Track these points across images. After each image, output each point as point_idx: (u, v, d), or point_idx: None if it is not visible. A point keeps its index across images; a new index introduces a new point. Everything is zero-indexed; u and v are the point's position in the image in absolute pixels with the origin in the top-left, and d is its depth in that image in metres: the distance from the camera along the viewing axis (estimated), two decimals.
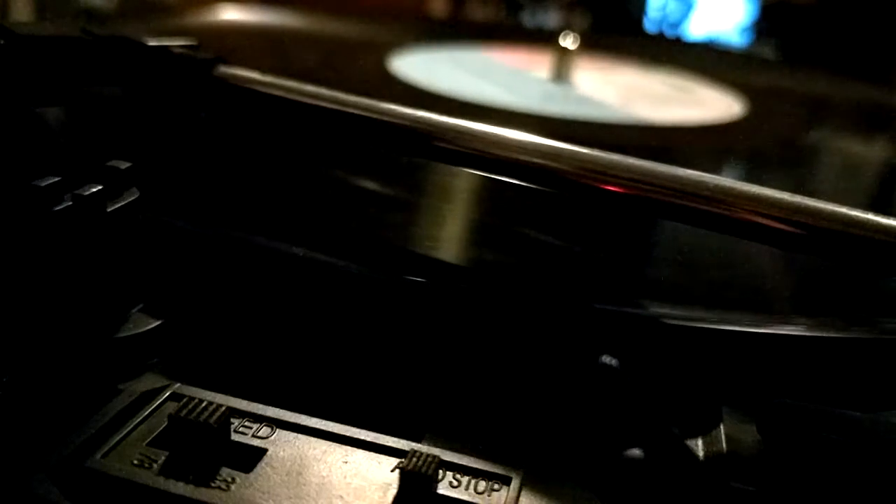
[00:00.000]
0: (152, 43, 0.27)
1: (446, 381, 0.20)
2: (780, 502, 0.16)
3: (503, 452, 0.16)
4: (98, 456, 0.15)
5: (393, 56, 0.51)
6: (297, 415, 0.17)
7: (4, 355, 0.17)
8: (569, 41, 0.51)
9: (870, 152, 0.45)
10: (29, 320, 0.18)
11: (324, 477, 0.15)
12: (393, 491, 0.15)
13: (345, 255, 0.22)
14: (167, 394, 0.17)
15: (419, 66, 0.50)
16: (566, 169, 0.21)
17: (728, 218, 0.19)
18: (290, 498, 0.15)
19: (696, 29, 1.29)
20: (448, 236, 0.26)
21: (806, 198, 0.19)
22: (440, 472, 0.15)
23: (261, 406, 0.17)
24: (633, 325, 0.20)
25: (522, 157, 0.21)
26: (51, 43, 0.25)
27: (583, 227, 0.28)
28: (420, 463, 0.15)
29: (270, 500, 0.15)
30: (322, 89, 0.25)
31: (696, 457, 0.18)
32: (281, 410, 0.17)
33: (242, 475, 0.15)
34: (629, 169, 0.20)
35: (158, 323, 0.19)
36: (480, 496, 0.15)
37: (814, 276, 0.25)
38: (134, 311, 0.20)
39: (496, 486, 0.15)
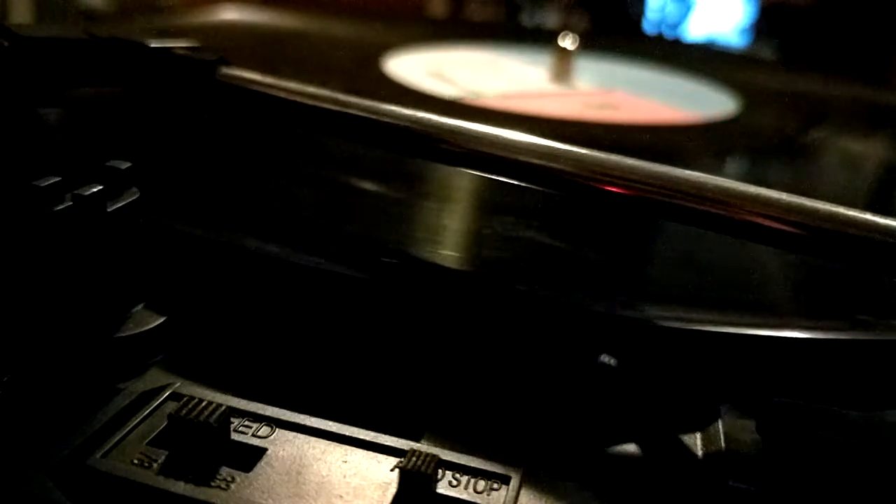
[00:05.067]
0: (154, 44, 0.27)
1: (445, 381, 0.20)
2: (779, 501, 0.16)
3: (502, 452, 0.16)
4: (98, 455, 0.15)
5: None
6: (296, 414, 0.17)
7: (4, 355, 0.17)
8: (568, 41, 0.51)
9: (867, 152, 0.45)
10: (29, 320, 0.18)
11: (323, 476, 0.15)
12: (392, 490, 0.15)
13: (344, 256, 0.22)
14: (167, 393, 0.17)
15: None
16: (566, 169, 0.21)
17: (728, 218, 0.19)
18: (290, 497, 0.15)
19: (695, 30, 1.29)
20: (446, 237, 0.26)
21: (806, 198, 0.19)
22: (439, 471, 0.15)
23: (260, 405, 0.17)
24: (632, 326, 0.20)
25: (522, 158, 0.21)
26: (53, 44, 0.25)
27: (582, 227, 0.28)
28: (419, 462, 0.15)
29: (270, 500, 0.15)
30: (324, 90, 0.25)
31: (695, 455, 0.18)
32: (280, 410, 0.17)
33: (242, 474, 0.15)
34: (629, 169, 0.20)
35: (159, 322, 0.19)
36: (480, 495, 0.15)
37: (812, 276, 0.25)
38: (134, 310, 0.20)
39: (495, 486, 0.16)
